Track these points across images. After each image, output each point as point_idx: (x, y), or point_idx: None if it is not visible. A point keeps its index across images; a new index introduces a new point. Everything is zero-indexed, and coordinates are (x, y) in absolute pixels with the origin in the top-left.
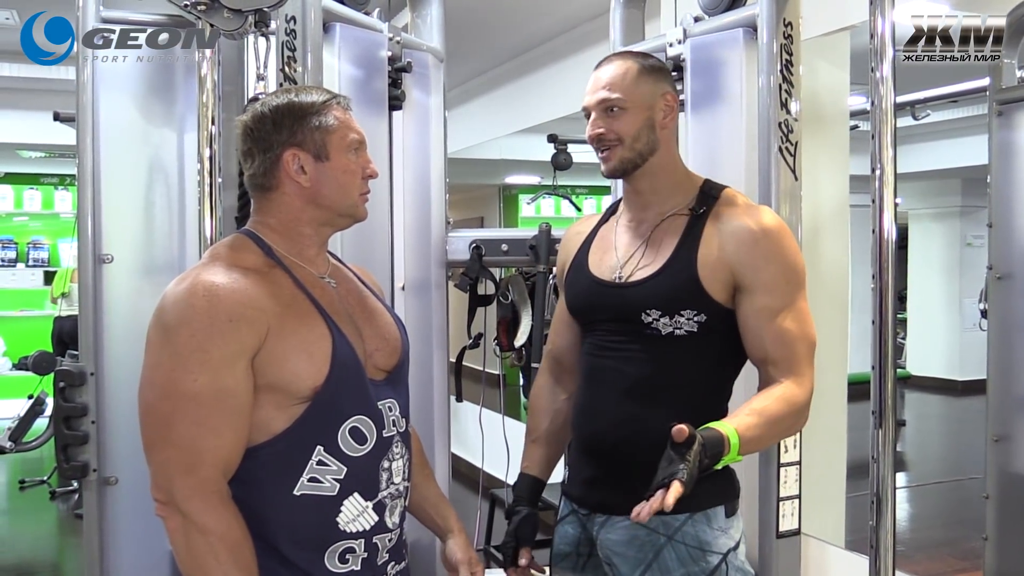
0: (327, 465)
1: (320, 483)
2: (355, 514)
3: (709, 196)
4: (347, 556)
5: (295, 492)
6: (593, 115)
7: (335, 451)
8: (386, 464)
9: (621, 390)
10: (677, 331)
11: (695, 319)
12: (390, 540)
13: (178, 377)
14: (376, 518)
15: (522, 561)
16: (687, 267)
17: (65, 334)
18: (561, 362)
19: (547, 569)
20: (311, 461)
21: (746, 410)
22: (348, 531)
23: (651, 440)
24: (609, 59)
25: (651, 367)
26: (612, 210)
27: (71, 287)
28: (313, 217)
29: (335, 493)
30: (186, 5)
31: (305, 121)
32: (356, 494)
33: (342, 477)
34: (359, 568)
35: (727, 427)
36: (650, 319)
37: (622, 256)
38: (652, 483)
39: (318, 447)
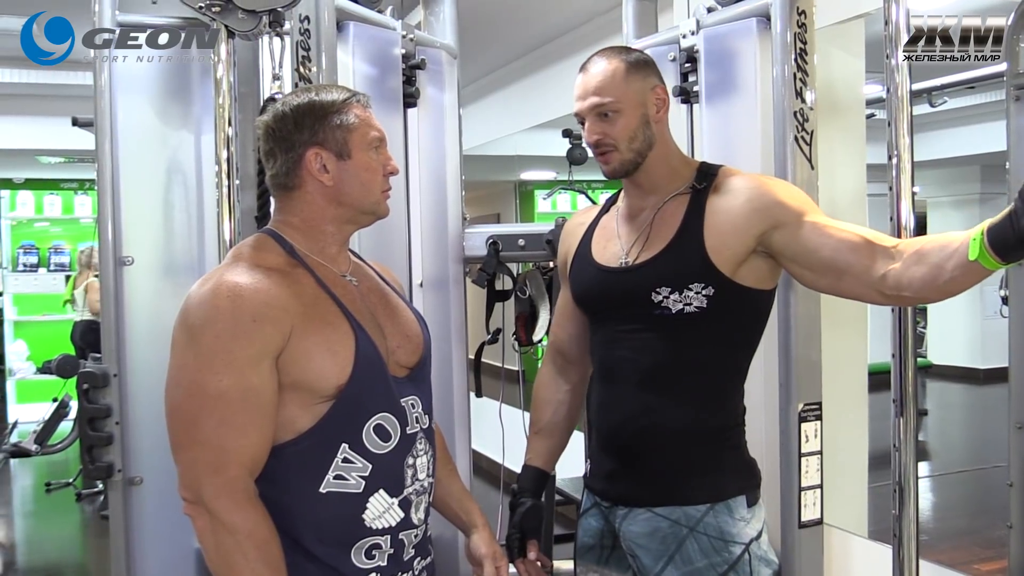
0: (352, 463)
1: (346, 480)
2: (381, 511)
3: (708, 174)
4: (373, 552)
5: (321, 490)
6: (588, 121)
7: (360, 449)
8: (411, 461)
9: (636, 382)
10: (687, 308)
11: (703, 292)
12: (416, 536)
13: (203, 377)
14: (402, 514)
15: (531, 554)
16: (694, 240)
17: (77, 336)
18: (564, 353)
19: (554, 563)
20: (336, 459)
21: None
22: (374, 528)
23: (669, 430)
24: (592, 60)
25: (664, 354)
26: (612, 200)
27: (75, 294)
28: (336, 215)
29: (360, 490)
30: (200, 7)
31: (326, 120)
32: (382, 491)
33: (367, 474)
34: (385, 564)
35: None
36: (660, 298)
37: (626, 243)
38: None
39: (343, 445)
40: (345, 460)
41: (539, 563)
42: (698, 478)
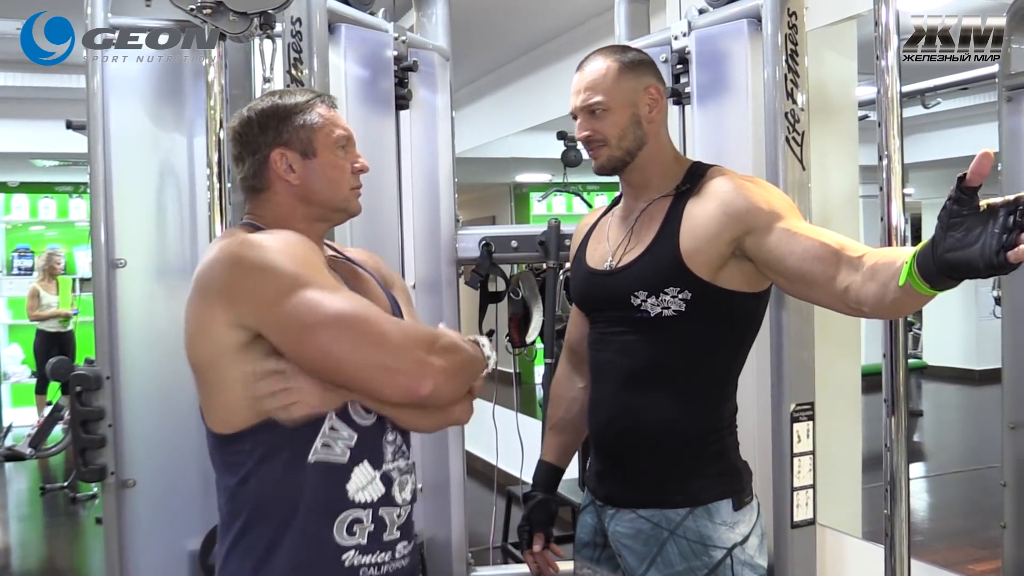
0: (338, 431)
1: (332, 449)
2: (364, 482)
3: (695, 175)
4: (354, 527)
5: (309, 459)
6: (579, 117)
7: (346, 417)
8: (390, 437)
9: (618, 383)
10: (665, 311)
11: (679, 296)
12: (399, 516)
13: (318, 298)
14: (383, 489)
15: (536, 546)
16: (669, 245)
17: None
18: (577, 352)
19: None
20: (324, 426)
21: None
22: (357, 500)
23: (650, 432)
24: (589, 59)
25: (645, 356)
26: (615, 202)
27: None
28: (306, 214)
29: (346, 460)
30: (192, 9)
31: (290, 121)
32: (365, 462)
33: (352, 444)
34: (365, 542)
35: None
36: (638, 301)
37: (613, 245)
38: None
39: (330, 412)
40: (332, 428)
41: (547, 555)
42: (678, 481)
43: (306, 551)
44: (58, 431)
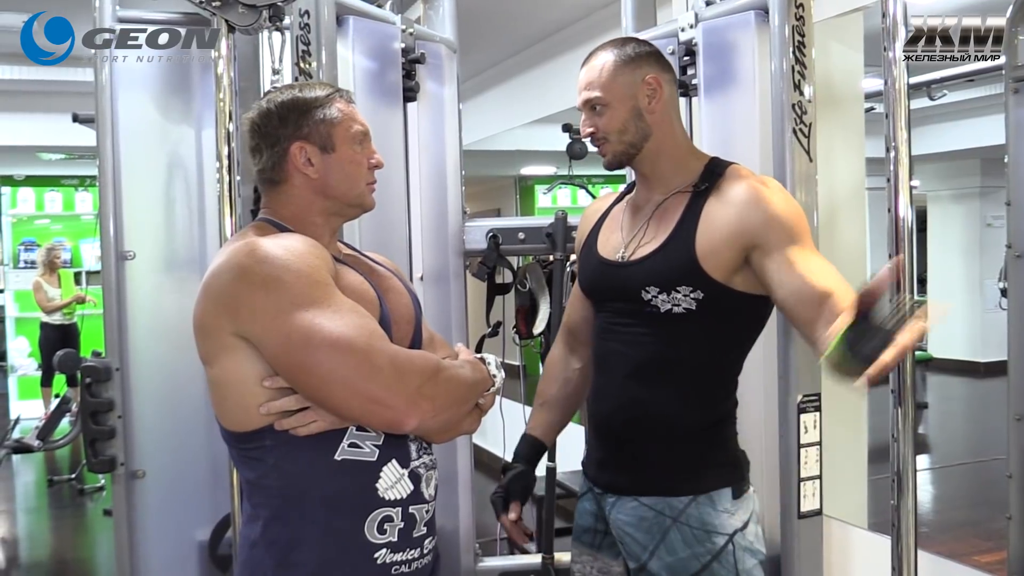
0: (367, 431)
1: (360, 448)
2: (393, 480)
3: (714, 173)
4: (385, 526)
5: (336, 457)
6: (583, 114)
7: None
8: (412, 435)
9: (625, 373)
10: (675, 308)
11: (691, 296)
12: (427, 512)
13: (313, 317)
14: (412, 487)
15: (512, 515)
16: (685, 245)
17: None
18: (575, 334)
19: (556, 555)
20: (351, 426)
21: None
22: (387, 498)
23: (656, 422)
24: (591, 55)
25: (653, 348)
26: (627, 190)
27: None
28: (323, 208)
29: (375, 459)
30: (201, 2)
31: (310, 115)
32: (394, 460)
33: (380, 443)
34: (396, 539)
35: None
36: (649, 296)
37: (626, 236)
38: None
39: None
40: (359, 428)
41: (521, 524)
42: (682, 470)
43: (334, 548)
44: (65, 423)
